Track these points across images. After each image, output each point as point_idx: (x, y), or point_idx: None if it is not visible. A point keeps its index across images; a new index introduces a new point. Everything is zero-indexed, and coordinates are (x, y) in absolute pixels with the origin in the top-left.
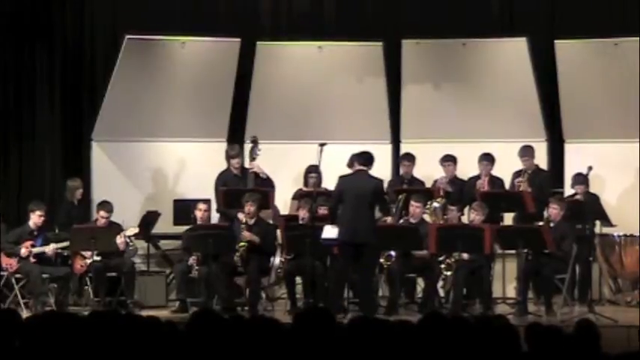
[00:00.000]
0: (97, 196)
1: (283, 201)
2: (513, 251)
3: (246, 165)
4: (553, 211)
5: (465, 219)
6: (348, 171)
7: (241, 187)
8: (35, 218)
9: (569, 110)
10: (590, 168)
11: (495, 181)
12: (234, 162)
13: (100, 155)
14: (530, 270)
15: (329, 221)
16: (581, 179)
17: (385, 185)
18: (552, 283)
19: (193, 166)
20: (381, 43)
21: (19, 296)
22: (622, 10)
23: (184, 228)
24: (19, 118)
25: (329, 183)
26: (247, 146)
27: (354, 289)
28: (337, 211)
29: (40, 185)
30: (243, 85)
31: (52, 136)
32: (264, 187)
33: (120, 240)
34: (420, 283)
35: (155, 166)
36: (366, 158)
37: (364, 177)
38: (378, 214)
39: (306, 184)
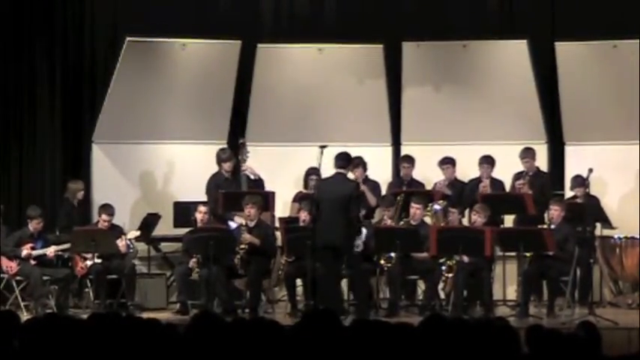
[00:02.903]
0: (98, 198)
1: (283, 203)
2: (514, 253)
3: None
4: (554, 212)
5: (465, 221)
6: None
7: (233, 189)
8: (33, 225)
9: (570, 112)
10: (590, 170)
11: (496, 184)
12: (226, 165)
13: (100, 157)
14: (534, 273)
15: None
16: (580, 181)
17: (385, 188)
18: (558, 285)
19: (194, 168)
20: (381, 45)
21: (20, 298)
22: (622, 12)
23: (185, 230)
24: (19, 120)
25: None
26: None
27: (353, 290)
28: (316, 214)
29: (40, 187)
30: (244, 87)
31: (53, 138)
32: (255, 187)
33: (122, 243)
34: (421, 285)
35: (155, 168)
36: (344, 160)
37: (341, 180)
38: (378, 215)
39: (306, 186)
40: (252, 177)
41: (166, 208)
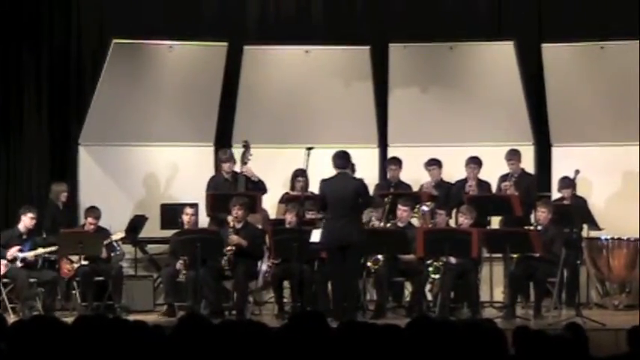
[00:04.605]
0: (84, 200)
1: (270, 205)
2: (500, 255)
3: (237, 169)
4: (541, 214)
5: (452, 222)
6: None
7: (232, 191)
8: (27, 221)
9: (556, 114)
10: (577, 171)
11: (482, 185)
12: (226, 166)
13: (87, 159)
14: (520, 274)
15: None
16: (567, 183)
17: (372, 189)
18: (545, 286)
19: (181, 170)
20: (368, 47)
21: (7, 301)
22: (608, 14)
23: (171, 232)
24: (5, 122)
25: (316, 187)
26: (238, 150)
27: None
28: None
29: (27, 189)
30: (231, 89)
31: (39, 140)
32: (255, 190)
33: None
34: (408, 287)
35: (142, 170)
36: (344, 159)
37: (345, 179)
38: (366, 217)
39: (293, 187)
40: (254, 179)
41: (153, 210)
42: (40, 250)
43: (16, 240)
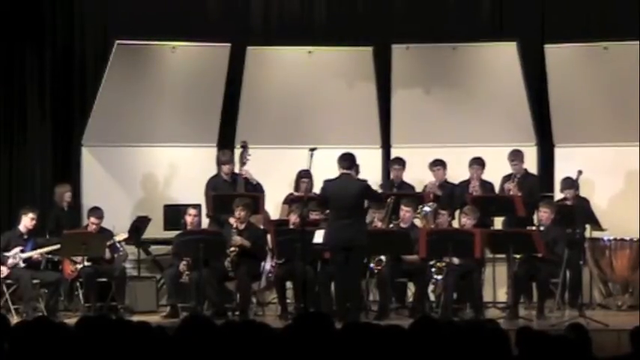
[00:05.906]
0: (87, 201)
1: (274, 206)
2: (503, 255)
3: (236, 170)
4: (544, 215)
5: (455, 223)
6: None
7: (231, 192)
8: (27, 221)
9: (559, 114)
10: (580, 172)
11: (485, 186)
12: (225, 168)
13: (90, 160)
14: (524, 274)
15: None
16: (570, 183)
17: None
18: (548, 287)
19: (184, 171)
20: (371, 48)
21: (10, 302)
22: (612, 15)
23: (175, 233)
24: (9, 123)
25: (319, 188)
26: (237, 151)
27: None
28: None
29: (30, 190)
30: (234, 89)
31: (43, 140)
32: (254, 192)
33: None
34: (411, 288)
35: (145, 171)
36: (349, 161)
37: (349, 180)
38: (369, 217)
39: (297, 188)
40: (253, 182)
41: (156, 211)
42: (40, 250)
43: (16, 240)
